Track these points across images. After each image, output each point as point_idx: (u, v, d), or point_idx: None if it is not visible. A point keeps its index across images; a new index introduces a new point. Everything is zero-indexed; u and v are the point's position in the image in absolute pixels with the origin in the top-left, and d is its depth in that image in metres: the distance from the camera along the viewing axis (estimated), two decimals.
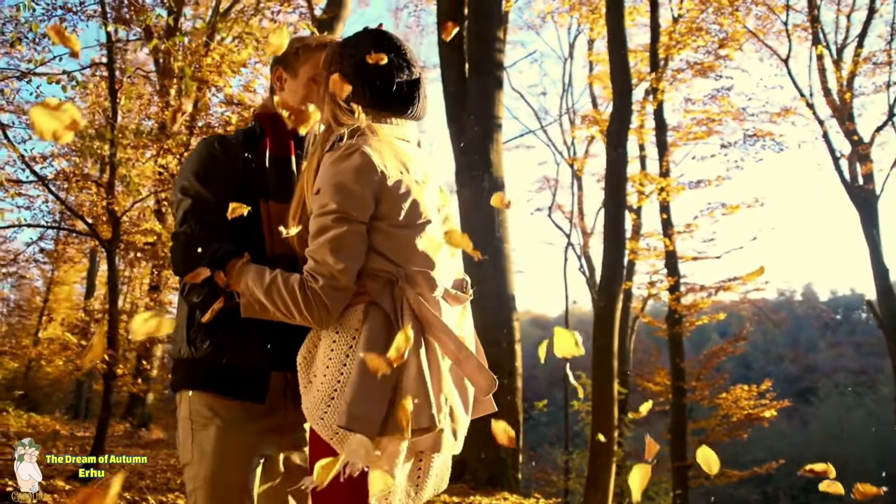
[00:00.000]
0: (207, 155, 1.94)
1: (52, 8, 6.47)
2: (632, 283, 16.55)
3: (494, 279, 8.85)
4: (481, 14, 9.87)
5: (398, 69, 1.82)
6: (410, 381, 1.62)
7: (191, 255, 1.80)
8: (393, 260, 1.74)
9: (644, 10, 13.60)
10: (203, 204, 1.87)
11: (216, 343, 1.87)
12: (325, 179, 1.68)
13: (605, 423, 8.50)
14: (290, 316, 1.67)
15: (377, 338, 1.66)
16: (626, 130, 9.49)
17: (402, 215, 1.73)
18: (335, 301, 1.66)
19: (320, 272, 1.64)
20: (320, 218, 1.67)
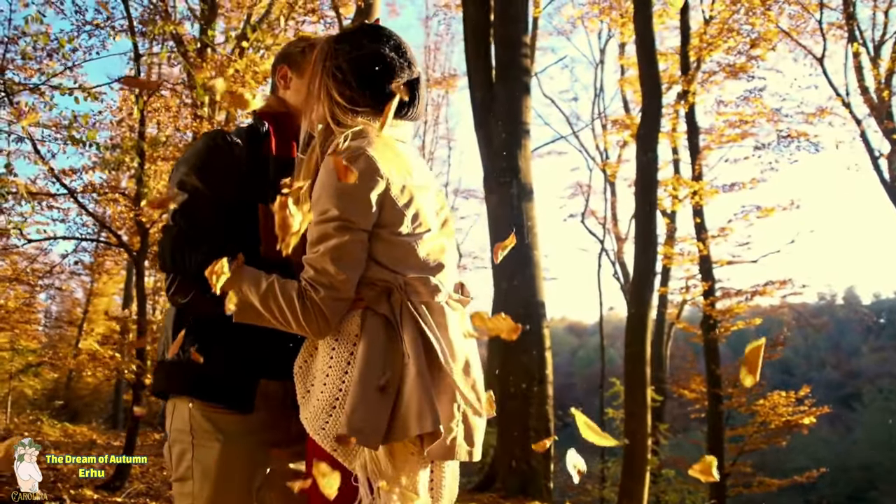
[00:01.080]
0: (208, 149, 1.87)
1: (82, 24, 6.57)
2: (667, 289, 16.35)
3: (523, 287, 8.78)
4: (507, 20, 9.82)
5: (399, 68, 1.76)
6: (411, 387, 1.57)
7: (180, 252, 1.74)
8: (392, 269, 1.68)
9: (674, 13, 13.44)
10: (199, 200, 1.80)
11: (206, 347, 1.77)
12: (327, 185, 1.60)
13: (638, 430, 8.37)
14: (285, 325, 1.60)
15: (377, 344, 1.60)
16: (657, 134, 9.36)
17: (404, 223, 1.67)
18: (335, 312, 1.60)
19: (320, 282, 1.58)
20: (321, 225, 1.60)
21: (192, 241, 1.75)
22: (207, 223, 1.78)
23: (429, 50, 24.40)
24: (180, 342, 1.75)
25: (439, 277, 1.74)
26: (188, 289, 1.74)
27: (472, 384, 1.72)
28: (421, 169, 1.79)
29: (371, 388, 1.55)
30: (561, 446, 16.21)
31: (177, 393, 1.84)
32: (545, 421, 8.43)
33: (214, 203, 1.79)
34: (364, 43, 1.75)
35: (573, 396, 36.28)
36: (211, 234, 1.76)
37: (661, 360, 16.34)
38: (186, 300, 1.75)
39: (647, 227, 9.09)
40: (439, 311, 1.70)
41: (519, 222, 8.98)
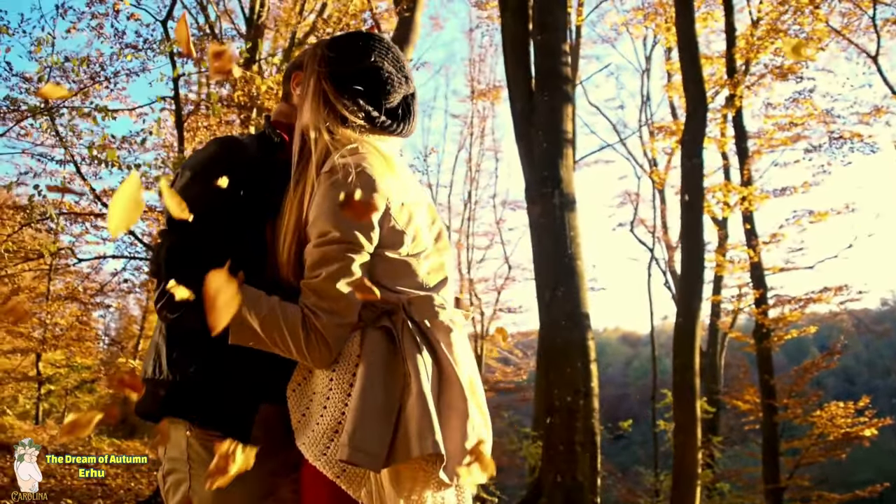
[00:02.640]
0: (216, 156, 1.73)
1: (122, 47, 6.71)
2: (720, 297, 16.00)
3: (567, 298, 8.64)
4: (546, 29, 9.72)
5: (398, 83, 1.70)
6: (412, 408, 1.50)
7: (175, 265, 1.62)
8: (393, 289, 1.61)
9: (719, 15, 13.20)
10: (199, 209, 1.60)
11: (202, 367, 1.65)
12: (326, 204, 1.53)
13: (687, 443, 8.15)
14: (284, 352, 1.53)
15: (378, 363, 1.53)
16: (702, 139, 9.17)
17: (405, 243, 1.61)
18: (337, 339, 1.53)
19: (323, 308, 1.51)
20: (322, 248, 1.53)
21: (189, 255, 1.64)
22: (207, 235, 1.64)
23: (473, 62, 24.41)
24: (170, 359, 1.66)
25: (442, 294, 1.68)
26: (179, 304, 1.57)
27: (479, 403, 1.66)
28: (414, 183, 1.73)
29: (372, 407, 1.48)
30: (615, 458, 16.11)
31: (170, 416, 1.70)
32: (591, 435, 8.25)
33: (217, 214, 1.65)
34: (362, 54, 1.68)
35: (627, 407, 35.64)
36: (211, 248, 1.62)
37: (715, 371, 15.98)
38: (175, 316, 1.63)
39: (693, 235, 8.89)
40: (444, 329, 1.63)
41: (561, 233, 8.86)
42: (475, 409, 1.61)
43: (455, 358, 1.60)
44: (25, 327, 12.05)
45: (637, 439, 26.88)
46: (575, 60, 17.06)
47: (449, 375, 1.58)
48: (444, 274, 1.71)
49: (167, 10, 6.73)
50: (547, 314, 8.64)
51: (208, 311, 1.30)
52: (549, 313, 8.58)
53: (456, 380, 1.57)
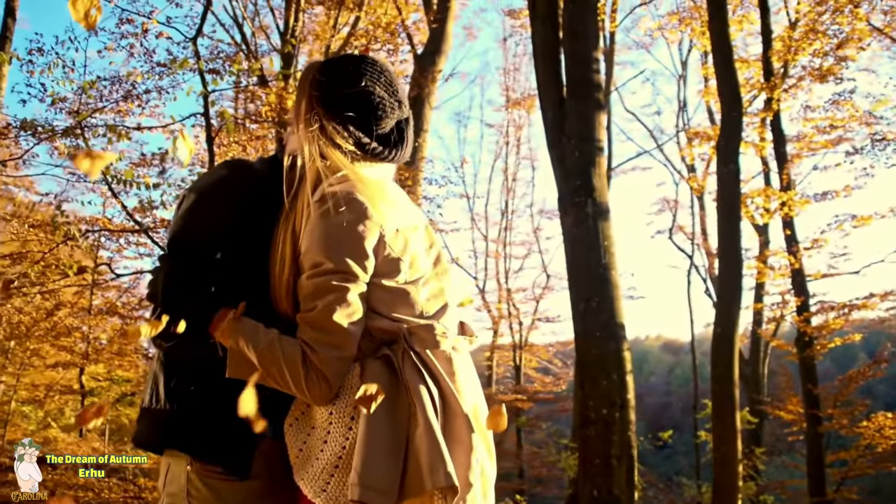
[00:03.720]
0: (222, 180, 1.67)
1: (152, 66, 6.80)
2: (762, 305, 15.67)
3: (601, 308, 8.51)
4: (577, 36, 9.63)
5: (391, 108, 1.64)
6: (420, 439, 1.44)
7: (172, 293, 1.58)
8: (392, 318, 1.56)
9: (755, 18, 12.97)
10: (202, 234, 1.63)
11: (201, 397, 1.60)
12: (318, 234, 1.49)
13: (728, 455, 7.96)
14: (283, 387, 1.48)
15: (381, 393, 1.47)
16: (737, 145, 8.99)
17: (402, 271, 1.56)
18: (337, 373, 1.47)
19: (321, 341, 1.45)
20: (316, 279, 1.48)
21: (188, 283, 1.59)
22: (207, 263, 1.60)
23: (507, 71, 24.37)
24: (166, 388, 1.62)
25: (443, 322, 1.61)
26: (175, 333, 1.54)
27: (483, 433, 1.59)
28: (409, 208, 1.68)
29: (378, 442, 1.43)
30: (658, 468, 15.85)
31: (170, 448, 1.65)
32: (628, 448, 8.10)
33: (218, 240, 1.61)
34: (354, 78, 1.63)
35: (669, 416, 35.13)
36: (208, 279, 1.59)
37: (758, 380, 15.64)
38: (171, 345, 1.60)
39: (730, 242, 8.71)
40: (445, 358, 1.57)
41: (595, 243, 8.74)
42: (479, 440, 1.54)
43: (458, 388, 1.55)
44: (68, 341, 12.28)
45: (680, 449, 26.45)
46: (609, 67, 16.92)
47: (452, 406, 1.52)
48: (443, 300, 1.65)
49: (196, 28, 6.81)
50: (581, 325, 8.52)
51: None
52: (584, 324, 8.46)
53: (459, 411, 1.52)
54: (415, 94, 12.76)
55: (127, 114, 8.16)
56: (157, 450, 1.69)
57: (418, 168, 12.21)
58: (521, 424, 19.32)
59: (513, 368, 21.89)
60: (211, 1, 6.71)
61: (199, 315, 1.54)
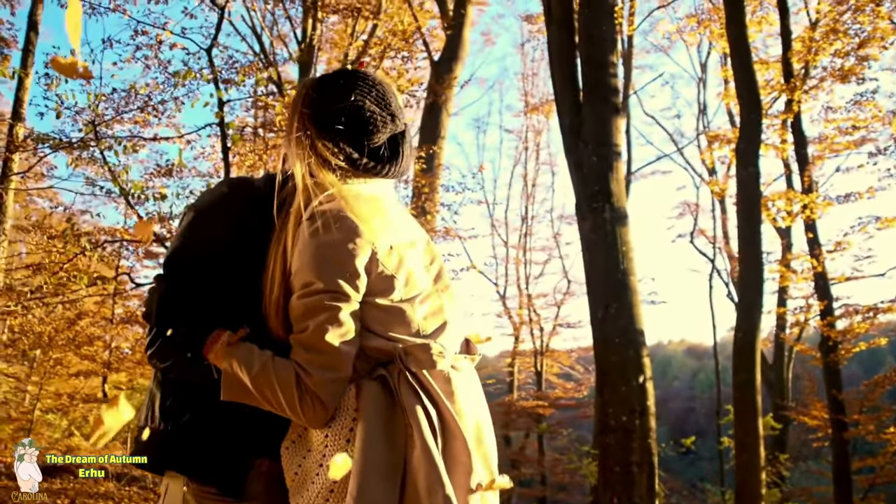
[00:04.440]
0: (221, 199, 1.66)
1: (168, 76, 6.84)
2: (785, 309, 15.48)
3: (620, 314, 8.44)
4: (592, 41, 9.59)
5: (382, 123, 1.60)
6: (418, 462, 1.41)
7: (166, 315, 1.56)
8: (388, 337, 1.52)
9: (774, 18, 12.83)
10: (198, 254, 1.61)
11: (195, 417, 1.58)
12: (308, 254, 1.46)
13: (750, 463, 7.84)
14: (279, 410, 1.45)
15: (377, 418, 1.44)
16: (757, 148, 8.89)
17: (396, 289, 1.52)
18: (332, 395, 1.44)
19: (314, 363, 1.42)
20: (306, 299, 1.45)
21: (181, 305, 1.57)
22: (202, 285, 1.58)
23: (525, 76, 24.36)
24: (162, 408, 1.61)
25: (441, 341, 1.57)
26: (169, 354, 1.56)
27: (485, 455, 1.54)
28: (406, 223, 1.65)
29: (375, 465, 1.39)
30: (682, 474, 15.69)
31: (166, 468, 1.64)
32: (648, 455, 8.02)
33: (215, 261, 1.58)
34: (344, 93, 1.60)
35: (693, 421, 34.86)
36: (204, 299, 1.57)
37: (782, 385, 15.45)
38: (165, 365, 1.58)
39: (751, 246, 8.61)
40: (444, 378, 1.52)
41: (613, 248, 8.68)
42: (479, 462, 1.50)
43: (458, 408, 1.51)
44: (90, 350, 12.38)
45: (705, 454, 26.20)
46: (628, 71, 16.83)
47: (451, 428, 1.48)
48: (443, 318, 1.60)
49: (211, 39, 6.85)
50: (600, 331, 8.46)
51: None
52: (603, 331, 8.40)
53: (458, 432, 1.48)
54: (431, 101, 12.77)
55: (146, 124, 8.24)
56: (154, 469, 1.67)
57: (436, 175, 12.20)
58: (542, 431, 19.21)
59: (534, 374, 21.79)
60: (224, 12, 6.74)
61: (192, 337, 1.53)
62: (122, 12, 6.49)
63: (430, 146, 11.59)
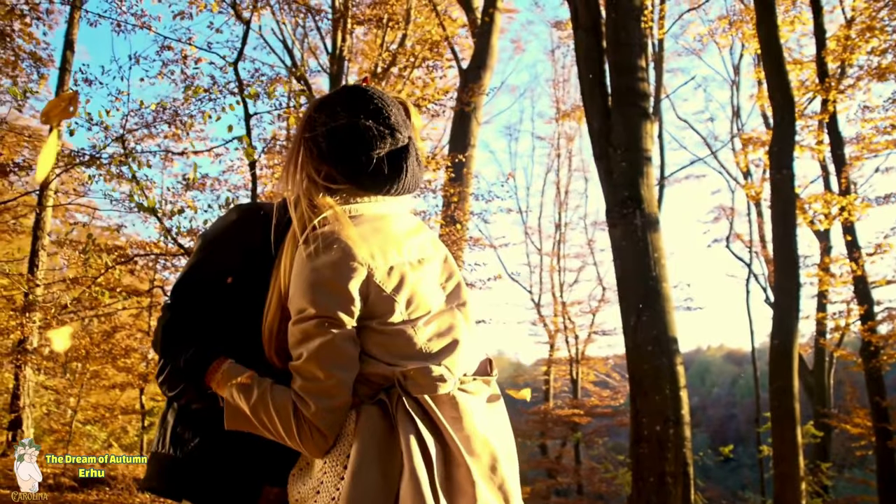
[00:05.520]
0: (230, 227, 1.64)
1: (195, 90, 6.89)
2: (825, 314, 15.14)
3: (652, 322, 8.31)
4: (620, 45, 9.49)
5: (379, 138, 1.52)
6: (405, 490, 1.34)
7: (170, 343, 1.57)
8: (389, 361, 1.46)
9: (808, 17, 12.58)
10: (203, 283, 1.60)
11: (203, 444, 1.58)
12: (300, 279, 1.42)
13: (788, 474, 7.66)
14: (280, 440, 1.42)
15: (374, 442, 1.38)
16: (791, 150, 8.71)
17: (396, 311, 1.46)
18: (331, 425, 1.39)
19: (311, 391, 1.38)
20: (300, 325, 1.41)
21: (184, 334, 1.58)
22: (207, 313, 1.58)
23: (556, 83, 24.28)
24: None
25: (448, 362, 1.49)
26: (176, 383, 1.57)
27: (501, 483, 1.45)
28: (417, 241, 1.58)
29: (366, 492, 1.34)
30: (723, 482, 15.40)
31: (178, 496, 1.64)
32: (683, 465, 7.86)
33: (221, 289, 1.59)
34: (339, 111, 1.54)
35: (734, 428, 34.27)
36: (208, 326, 1.57)
37: (823, 392, 15.08)
38: (174, 393, 1.58)
39: (786, 250, 8.43)
40: (449, 402, 1.45)
41: (644, 255, 8.55)
42: (489, 492, 1.42)
43: (466, 434, 1.43)
44: (127, 362, 12.55)
45: (746, 462, 25.76)
46: (659, 74, 16.66)
47: (454, 456, 1.41)
48: (452, 337, 1.53)
49: (237, 53, 6.91)
50: (632, 339, 8.34)
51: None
52: (635, 339, 8.28)
53: (462, 460, 1.40)
54: (459, 109, 12.76)
55: (179, 138, 8.34)
56: (162, 494, 1.68)
57: (465, 184, 12.16)
58: (577, 439, 19.04)
59: (570, 382, 21.62)
60: (249, 26, 6.79)
61: (196, 365, 1.53)
62: (148, 29, 6.59)
63: (455, 154, 11.57)
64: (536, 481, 18.49)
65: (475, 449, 1.43)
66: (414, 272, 1.51)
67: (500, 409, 1.58)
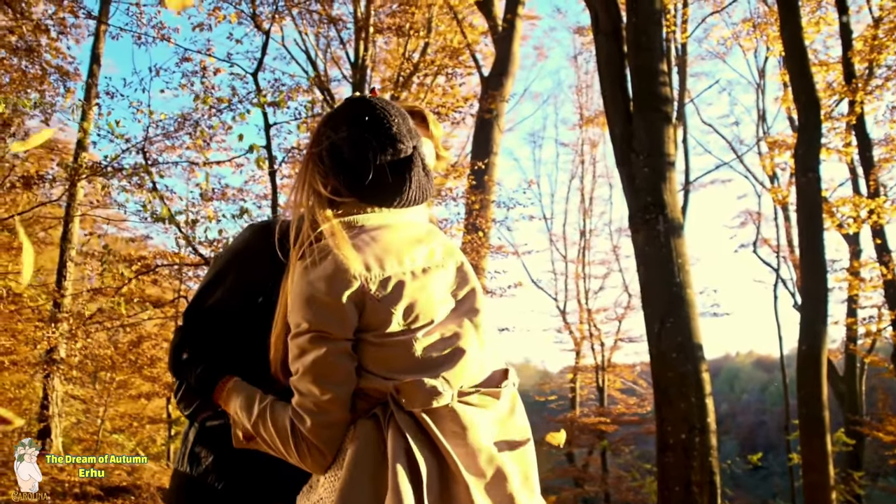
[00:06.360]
0: (245, 245, 1.67)
1: (218, 101, 6.94)
2: (855, 319, 14.88)
3: (677, 329, 8.21)
4: (640, 50, 9.42)
5: (376, 149, 1.49)
6: None
7: (181, 361, 1.61)
8: (386, 376, 1.41)
9: (834, 18, 12.41)
10: (214, 304, 1.64)
11: (216, 463, 1.61)
12: (296, 293, 1.41)
13: (818, 483, 7.50)
14: (282, 456, 1.42)
15: (366, 457, 1.35)
16: (817, 152, 8.58)
17: (393, 322, 1.42)
18: (328, 441, 1.38)
19: (307, 408, 1.37)
20: (296, 340, 1.41)
21: (196, 351, 1.61)
22: (219, 331, 1.62)
23: (580, 89, 24.18)
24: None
25: (449, 374, 1.42)
26: (191, 399, 1.62)
27: (510, 499, 1.37)
28: (423, 250, 1.53)
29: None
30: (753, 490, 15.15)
31: None
32: (709, 474, 7.74)
33: (233, 309, 1.62)
34: (341, 124, 1.53)
35: (764, 435, 33.77)
36: (219, 345, 1.61)
37: (855, 399, 14.80)
38: (189, 412, 1.63)
39: (813, 254, 8.29)
40: (450, 416, 1.39)
41: (668, 261, 8.46)
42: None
43: (469, 449, 1.37)
44: (153, 371, 12.67)
45: (777, 470, 25.37)
46: (683, 79, 16.53)
47: (452, 472, 1.35)
48: (456, 347, 1.46)
49: (257, 63, 6.94)
50: (657, 346, 8.24)
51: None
52: (659, 345, 8.19)
53: (460, 478, 1.34)
54: (481, 116, 12.75)
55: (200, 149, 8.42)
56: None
57: (488, 191, 12.13)
58: (603, 447, 18.88)
59: (596, 390, 21.45)
60: (269, 36, 6.83)
61: (205, 383, 1.57)
62: (167, 41, 6.65)
63: (475, 162, 11.55)
64: (563, 490, 18.36)
65: (479, 465, 1.37)
66: (416, 281, 1.47)
67: (515, 422, 1.51)
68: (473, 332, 1.51)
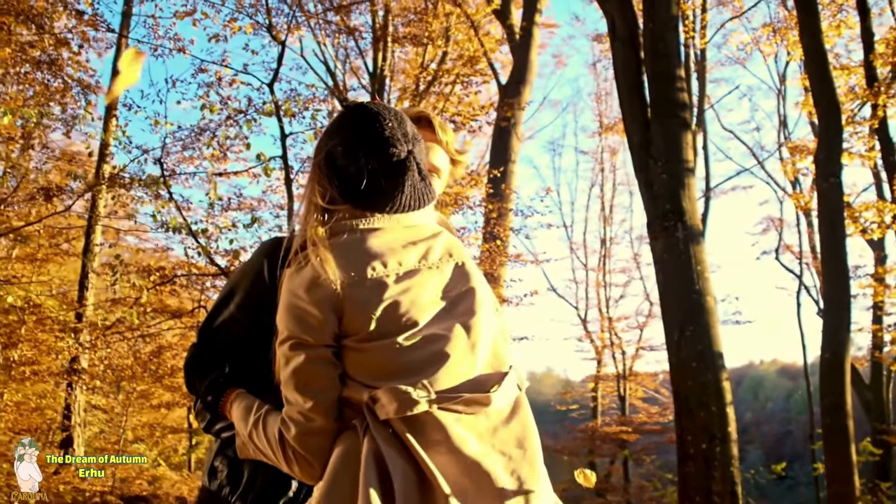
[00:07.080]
0: (251, 263, 1.68)
1: (234, 111, 6.98)
2: (880, 326, 14.66)
3: (697, 337, 8.11)
4: (658, 56, 9.36)
5: (366, 154, 1.46)
6: None
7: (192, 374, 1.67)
8: (367, 383, 1.37)
9: (854, 21, 12.27)
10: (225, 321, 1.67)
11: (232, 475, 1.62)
12: (281, 302, 1.43)
13: (843, 494, 7.37)
14: (276, 465, 1.41)
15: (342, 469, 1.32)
16: (838, 157, 8.47)
17: (372, 325, 1.38)
18: (313, 449, 1.36)
19: (291, 416, 1.36)
20: (280, 348, 1.41)
21: (206, 364, 1.66)
22: (228, 347, 1.66)
23: (599, 96, 24.13)
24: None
25: (431, 379, 1.35)
26: (205, 413, 1.63)
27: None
28: (415, 252, 1.50)
29: None
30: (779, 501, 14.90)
31: None
32: (731, 484, 7.63)
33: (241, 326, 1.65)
34: (336, 131, 1.51)
35: (790, 444, 33.32)
36: (227, 359, 1.65)
37: (882, 407, 14.55)
38: (205, 425, 1.65)
39: (835, 260, 8.18)
40: (432, 423, 1.33)
41: (687, 268, 8.38)
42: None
43: (451, 458, 1.31)
44: (172, 381, 12.74)
45: (802, 479, 25.01)
46: (702, 85, 16.41)
47: (430, 483, 1.29)
48: (440, 351, 1.40)
49: (273, 73, 6.98)
50: (676, 355, 8.16)
51: None
52: (679, 354, 8.10)
53: (441, 490, 1.27)
54: (498, 125, 12.73)
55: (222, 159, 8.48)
56: None
57: (506, 199, 12.09)
58: (625, 456, 18.73)
59: (617, 399, 21.29)
60: (284, 47, 6.87)
61: (213, 395, 1.61)
62: (183, 52, 6.72)
63: (491, 170, 11.53)
64: (584, 500, 18.20)
65: (463, 473, 1.30)
66: (399, 284, 1.43)
67: (513, 427, 1.41)
68: (463, 336, 1.43)
